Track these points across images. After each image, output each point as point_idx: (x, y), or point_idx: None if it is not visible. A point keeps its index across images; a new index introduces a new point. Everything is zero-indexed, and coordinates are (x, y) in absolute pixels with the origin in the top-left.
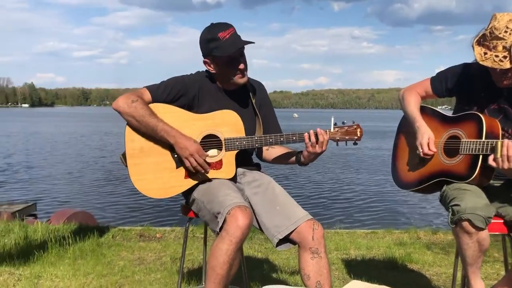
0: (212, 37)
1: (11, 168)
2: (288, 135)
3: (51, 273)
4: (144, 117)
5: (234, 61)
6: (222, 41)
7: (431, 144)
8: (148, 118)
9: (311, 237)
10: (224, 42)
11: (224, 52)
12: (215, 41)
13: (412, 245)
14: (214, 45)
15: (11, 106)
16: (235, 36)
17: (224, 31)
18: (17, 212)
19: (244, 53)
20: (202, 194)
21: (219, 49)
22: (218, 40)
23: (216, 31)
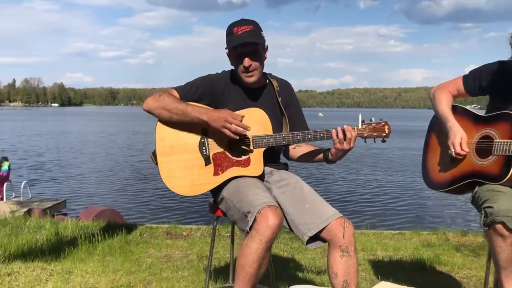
0: (229, 31)
1: (42, 166)
2: (315, 132)
3: (81, 269)
4: (173, 103)
5: (241, 57)
6: (233, 36)
7: (463, 144)
8: (177, 104)
9: (341, 235)
10: (234, 36)
11: (231, 42)
12: (230, 35)
13: (441, 247)
14: (228, 39)
15: (41, 106)
16: (248, 33)
17: (239, 26)
18: (48, 209)
19: (256, 53)
20: (231, 193)
21: (230, 41)
22: (232, 35)
23: (234, 25)
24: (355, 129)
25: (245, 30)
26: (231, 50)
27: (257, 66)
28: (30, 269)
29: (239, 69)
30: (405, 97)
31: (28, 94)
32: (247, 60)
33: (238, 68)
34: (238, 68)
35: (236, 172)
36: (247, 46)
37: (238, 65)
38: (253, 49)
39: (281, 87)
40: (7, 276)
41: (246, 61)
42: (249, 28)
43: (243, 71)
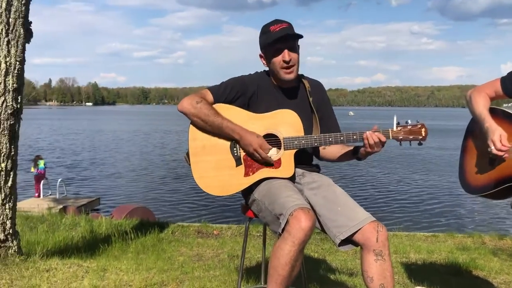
0: (265, 30)
1: (78, 165)
2: (348, 134)
3: (115, 266)
4: (209, 116)
5: (279, 51)
6: (271, 33)
7: (503, 140)
8: (213, 118)
9: (375, 239)
10: (273, 33)
11: (269, 40)
12: (266, 33)
13: (477, 251)
14: (265, 36)
15: (75, 105)
16: (286, 29)
17: (276, 25)
18: (83, 207)
19: (294, 49)
20: (263, 195)
21: (268, 38)
22: (269, 33)
23: (269, 25)
24: (390, 132)
25: (282, 27)
26: (269, 46)
27: (296, 60)
28: (67, 265)
29: (277, 65)
30: (438, 96)
31: (63, 93)
32: (287, 53)
33: (277, 65)
34: (276, 65)
35: (266, 174)
36: (287, 42)
37: (277, 61)
38: (292, 44)
39: (313, 87)
40: (45, 272)
41: (286, 54)
42: (285, 25)
43: (282, 66)
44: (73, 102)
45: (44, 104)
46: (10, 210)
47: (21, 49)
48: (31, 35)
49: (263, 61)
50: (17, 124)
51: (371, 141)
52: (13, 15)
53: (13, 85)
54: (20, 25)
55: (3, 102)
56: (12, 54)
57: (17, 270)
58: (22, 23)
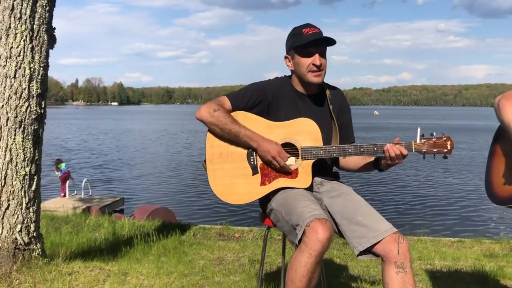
0: (296, 32)
1: (104, 165)
2: (369, 146)
3: (136, 270)
4: (226, 124)
5: (310, 54)
6: (304, 35)
7: None
8: (230, 125)
9: (396, 251)
10: (306, 35)
11: (302, 41)
12: (299, 35)
13: (505, 258)
14: (296, 38)
15: (101, 104)
16: (319, 34)
17: (309, 28)
18: (107, 207)
19: (324, 54)
20: (280, 204)
21: (300, 40)
22: (302, 35)
23: (302, 28)
24: (413, 144)
25: (315, 31)
26: (301, 48)
27: (325, 66)
28: (89, 268)
29: (305, 68)
30: (466, 95)
31: (90, 93)
32: (319, 58)
33: (305, 67)
34: (304, 67)
35: (283, 183)
36: (319, 46)
37: (306, 63)
38: (323, 49)
39: (333, 95)
40: (68, 275)
41: (317, 58)
42: (318, 30)
43: (312, 69)
44: (99, 101)
45: (71, 104)
46: (34, 214)
47: (44, 55)
48: (54, 41)
49: (288, 63)
50: (40, 129)
51: (392, 154)
52: (37, 22)
53: (37, 90)
54: (44, 31)
55: (27, 107)
56: (36, 60)
57: (40, 274)
58: (46, 29)
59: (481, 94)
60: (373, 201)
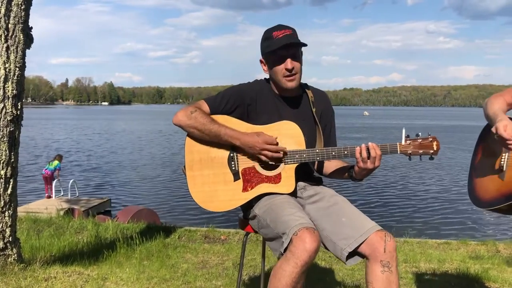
0: (266, 37)
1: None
2: (352, 148)
3: (116, 275)
4: (205, 125)
5: (282, 59)
6: (274, 40)
7: (509, 128)
8: (210, 126)
9: (382, 249)
10: (275, 39)
11: (272, 47)
12: (269, 39)
13: (490, 260)
14: (268, 42)
15: (92, 104)
16: (289, 36)
17: (279, 31)
18: (91, 209)
19: (297, 57)
20: (264, 211)
21: (270, 45)
22: (272, 39)
23: (272, 31)
24: (398, 146)
25: (285, 34)
26: (271, 53)
27: (299, 69)
28: (67, 274)
29: (279, 73)
30: (455, 95)
31: (80, 93)
32: (290, 61)
33: (279, 73)
34: (278, 73)
35: (266, 189)
36: (289, 49)
37: (279, 69)
38: (295, 52)
39: (316, 98)
40: (44, 281)
41: (289, 62)
42: (289, 32)
43: (285, 74)
44: (89, 101)
45: (61, 104)
46: (10, 218)
47: (21, 55)
48: (31, 41)
49: (264, 67)
50: (17, 130)
51: (364, 154)
52: (13, 21)
53: (12, 91)
54: (20, 31)
55: (2, 108)
56: (12, 60)
57: (15, 280)
58: (22, 28)
59: (470, 95)
60: (359, 203)
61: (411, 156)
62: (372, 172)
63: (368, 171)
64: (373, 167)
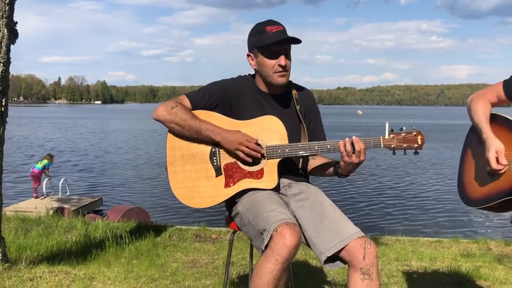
0: (259, 30)
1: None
2: (335, 142)
3: (104, 274)
4: (186, 120)
5: (275, 55)
6: (268, 33)
7: (500, 158)
8: (190, 121)
9: (362, 257)
10: (269, 34)
11: (266, 41)
12: (262, 33)
13: (481, 258)
14: (259, 36)
15: (84, 103)
16: (284, 32)
17: (272, 25)
18: (82, 208)
19: (289, 53)
20: (246, 208)
21: (263, 39)
22: (265, 33)
23: (265, 24)
24: (381, 140)
25: (279, 29)
26: (264, 48)
27: (290, 66)
28: (54, 273)
29: (270, 69)
30: (448, 95)
31: (73, 92)
32: (284, 58)
33: (270, 68)
34: (269, 68)
35: (248, 184)
36: (283, 46)
37: (271, 64)
38: (288, 48)
39: (300, 95)
40: (29, 281)
41: (282, 59)
42: (282, 28)
43: (276, 70)
44: (82, 100)
45: (53, 103)
46: None
47: (5, 50)
48: (16, 36)
49: (251, 61)
50: (1, 127)
51: (348, 148)
52: None
53: None
54: (4, 26)
55: None
56: None
57: None
58: (6, 23)
59: (463, 94)
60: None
61: (395, 151)
62: (358, 167)
63: (354, 166)
64: (358, 161)
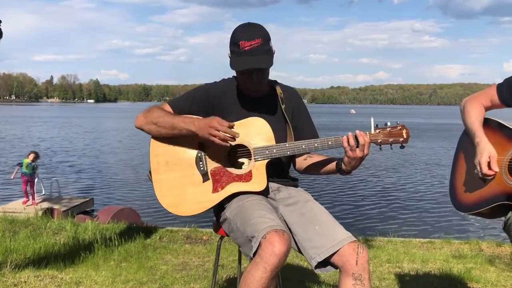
0: (234, 41)
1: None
2: (322, 140)
3: (91, 278)
4: (160, 117)
5: (247, 76)
6: (239, 50)
7: (492, 163)
8: (165, 117)
9: (354, 262)
10: (240, 54)
11: (233, 65)
12: (235, 46)
13: (473, 259)
14: (232, 50)
15: (77, 102)
16: (258, 49)
17: (247, 40)
18: (73, 208)
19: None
20: (234, 214)
21: (232, 60)
22: (238, 48)
23: (241, 37)
24: (368, 134)
25: (253, 46)
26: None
27: (264, 78)
28: (39, 278)
29: (244, 83)
30: (441, 94)
31: (65, 90)
32: (256, 75)
33: (243, 83)
34: (242, 82)
35: (237, 188)
36: None
37: (242, 80)
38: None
39: (286, 94)
40: (13, 286)
41: (254, 77)
42: (258, 43)
43: (247, 85)
44: (74, 99)
45: (45, 101)
46: None
47: None
48: (0, 35)
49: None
50: None
51: (351, 142)
52: None
53: None
54: None
55: None
56: None
57: None
58: None
59: (455, 93)
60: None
61: (382, 145)
62: (361, 162)
63: (358, 161)
64: (362, 155)
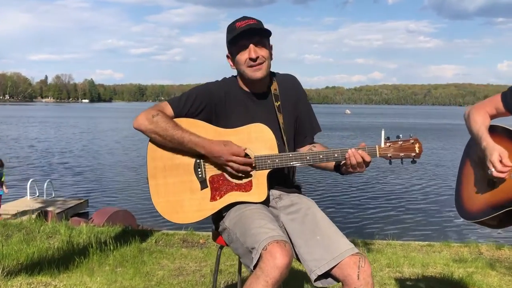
0: (230, 28)
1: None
2: (328, 152)
3: (85, 284)
4: (167, 130)
5: (244, 48)
6: (237, 29)
7: (505, 160)
8: (172, 131)
9: (356, 276)
10: (238, 29)
11: (230, 39)
12: (232, 30)
13: (474, 263)
14: (230, 33)
15: (72, 102)
16: (252, 25)
17: (243, 21)
18: (68, 210)
19: (263, 43)
20: (234, 223)
21: (232, 34)
22: (234, 29)
23: (236, 21)
24: (377, 149)
25: (248, 23)
26: (233, 43)
27: (265, 57)
28: (32, 285)
29: (243, 64)
30: (435, 94)
31: (60, 90)
32: (253, 49)
33: (242, 64)
34: (241, 64)
35: (236, 198)
36: (252, 38)
37: (242, 59)
38: (259, 39)
39: (282, 88)
40: None
41: (252, 51)
42: (252, 22)
43: (248, 64)
44: (69, 99)
45: (40, 101)
46: None
47: None
48: None
49: (230, 62)
50: None
51: (353, 161)
52: None
53: None
54: None
55: None
56: None
57: None
58: None
59: (450, 94)
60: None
61: (392, 160)
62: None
63: (356, 172)
64: (361, 171)
